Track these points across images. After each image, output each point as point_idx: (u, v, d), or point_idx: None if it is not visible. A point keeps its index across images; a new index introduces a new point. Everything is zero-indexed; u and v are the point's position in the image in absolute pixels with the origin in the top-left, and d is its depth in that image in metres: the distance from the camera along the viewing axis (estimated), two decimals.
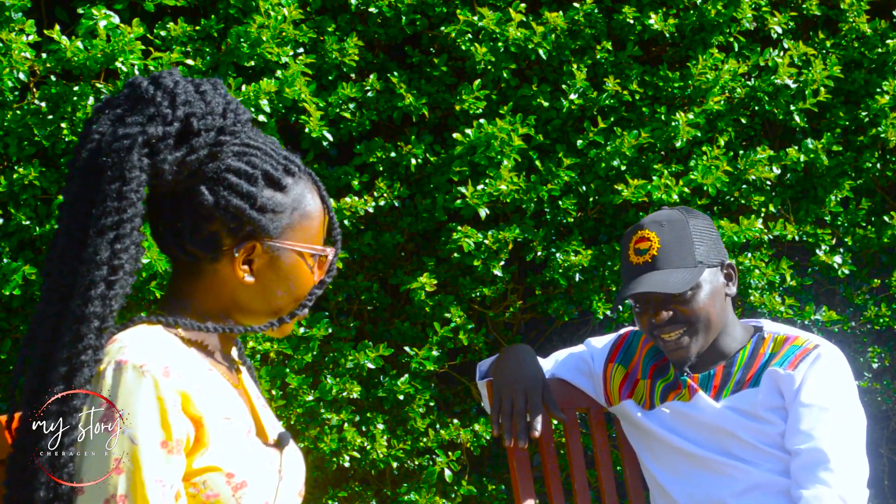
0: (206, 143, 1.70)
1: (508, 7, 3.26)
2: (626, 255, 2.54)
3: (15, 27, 2.83)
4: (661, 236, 2.51)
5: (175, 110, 1.68)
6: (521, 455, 2.68)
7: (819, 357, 2.50)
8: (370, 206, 3.15)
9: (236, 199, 1.70)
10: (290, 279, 1.77)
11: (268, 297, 1.76)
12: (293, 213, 1.76)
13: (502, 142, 3.13)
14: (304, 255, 1.77)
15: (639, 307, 2.54)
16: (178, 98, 1.69)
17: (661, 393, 2.61)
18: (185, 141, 1.68)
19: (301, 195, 1.77)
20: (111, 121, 1.69)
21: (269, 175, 1.74)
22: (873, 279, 3.70)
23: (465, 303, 3.30)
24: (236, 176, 1.71)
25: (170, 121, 1.67)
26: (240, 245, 1.72)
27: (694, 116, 3.30)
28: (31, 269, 2.87)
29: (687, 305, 2.49)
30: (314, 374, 3.19)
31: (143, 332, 1.68)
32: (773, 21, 3.47)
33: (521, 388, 2.60)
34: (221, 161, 1.71)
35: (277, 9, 3.01)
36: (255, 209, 1.71)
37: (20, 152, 2.90)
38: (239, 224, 1.71)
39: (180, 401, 1.61)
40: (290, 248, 1.75)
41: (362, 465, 3.23)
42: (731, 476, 2.52)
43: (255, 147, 1.75)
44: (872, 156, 3.58)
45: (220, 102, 1.73)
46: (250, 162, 1.73)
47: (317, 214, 1.79)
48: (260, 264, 1.74)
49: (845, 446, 2.45)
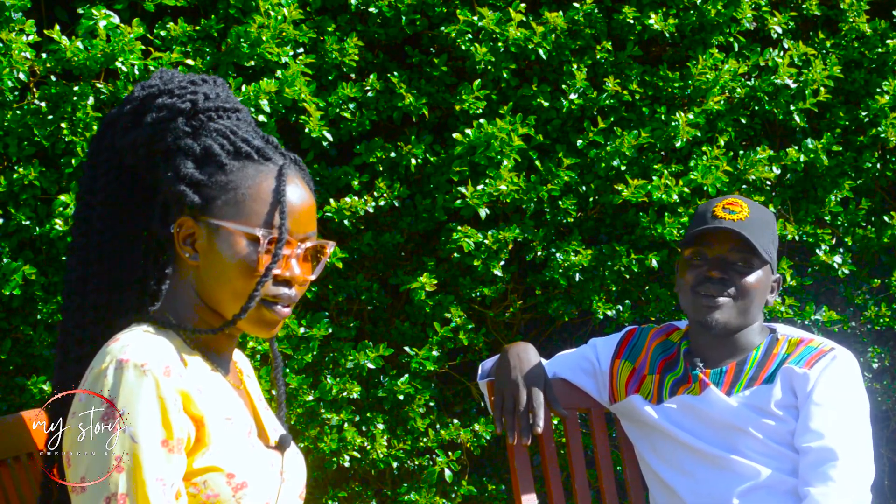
0: (156, 120, 1.73)
1: (508, 7, 3.26)
2: (711, 210, 2.55)
3: (15, 27, 2.83)
4: (752, 210, 2.55)
5: (136, 91, 1.78)
6: (521, 454, 2.68)
7: (835, 359, 2.52)
8: (370, 206, 3.15)
9: (174, 175, 1.72)
10: (223, 259, 1.70)
11: (219, 280, 1.72)
12: (237, 193, 1.72)
13: (502, 142, 3.13)
14: (240, 234, 1.70)
15: (698, 259, 2.54)
16: (146, 82, 1.78)
17: (670, 387, 2.61)
18: (140, 119, 1.75)
19: (252, 177, 1.73)
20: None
21: (209, 151, 1.73)
22: (873, 279, 3.70)
23: (465, 303, 3.30)
24: (184, 154, 1.73)
25: (131, 100, 1.77)
26: (176, 221, 1.73)
27: (694, 116, 3.30)
28: (31, 269, 2.87)
29: (744, 279, 2.52)
30: (314, 374, 3.19)
31: (145, 331, 1.69)
32: (773, 21, 3.47)
33: (524, 384, 2.60)
34: (173, 141, 1.74)
35: (277, 9, 3.01)
36: (188, 184, 1.71)
37: (20, 152, 2.90)
38: (181, 200, 1.71)
39: (181, 400, 1.61)
40: (224, 225, 1.70)
41: (362, 465, 3.23)
42: (737, 473, 2.51)
43: (215, 130, 1.75)
44: (872, 156, 3.57)
45: (194, 89, 1.76)
46: (197, 140, 1.74)
47: (260, 196, 1.72)
48: (201, 243, 1.72)
49: (855, 447, 2.46)
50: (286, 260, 1.74)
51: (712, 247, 2.54)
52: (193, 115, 1.74)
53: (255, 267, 1.70)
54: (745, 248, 2.53)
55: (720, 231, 2.52)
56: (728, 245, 2.53)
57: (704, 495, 2.54)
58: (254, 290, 1.70)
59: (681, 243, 2.63)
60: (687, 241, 2.57)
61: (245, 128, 1.78)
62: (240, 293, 1.70)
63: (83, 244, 1.75)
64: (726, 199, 2.58)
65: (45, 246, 2.97)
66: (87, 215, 1.76)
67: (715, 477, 2.54)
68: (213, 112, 1.76)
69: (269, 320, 1.73)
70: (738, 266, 2.53)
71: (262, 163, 1.74)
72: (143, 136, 1.74)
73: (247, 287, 1.70)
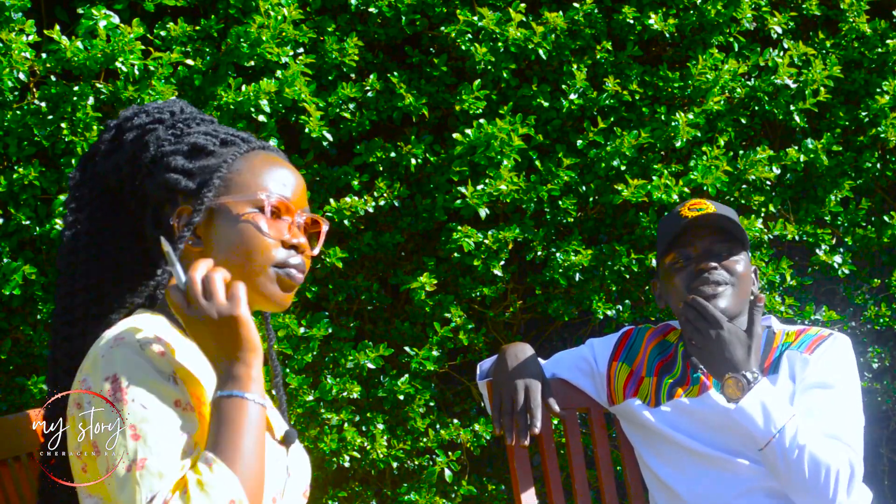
0: (136, 136, 1.79)
1: (508, 7, 3.26)
2: (678, 213, 2.59)
3: (15, 27, 2.83)
4: (716, 206, 2.60)
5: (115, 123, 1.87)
6: (521, 454, 2.68)
7: (835, 339, 2.56)
8: (370, 206, 3.15)
9: (164, 173, 1.76)
10: (232, 235, 1.73)
11: (228, 256, 1.73)
12: (229, 170, 1.76)
13: (502, 142, 3.13)
14: (237, 205, 1.73)
15: (683, 261, 2.57)
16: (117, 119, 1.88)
17: (667, 389, 2.61)
18: (120, 141, 1.82)
19: (241, 155, 1.78)
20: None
21: (196, 144, 1.77)
22: (873, 279, 3.70)
23: (465, 303, 3.30)
24: (170, 155, 1.77)
25: (107, 131, 1.86)
26: (173, 213, 1.76)
27: (694, 116, 3.30)
28: (31, 269, 2.87)
29: (734, 265, 2.55)
30: (314, 374, 3.19)
31: (146, 319, 1.71)
32: (773, 21, 3.47)
33: (522, 385, 2.60)
34: (156, 149, 1.78)
35: (277, 9, 3.01)
36: (179, 173, 1.75)
37: (20, 152, 2.90)
38: (173, 195, 1.76)
39: (179, 372, 1.64)
40: (224, 201, 1.74)
41: (362, 465, 3.23)
42: (737, 474, 2.51)
43: (196, 131, 1.80)
44: (872, 156, 3.57)
45: (168, 108, 1.83)
46: (181, 139, 1.78)
47: (250, 169, 1.77)
48: (202, 228, 1.75)
49: (849, 424, 2.46)
50: (290, 227, 1.77)
51: (694, 245, 2.57)
52: (173, 125, 1.80)
53: (264, 233, 1.73)
54: (727, 236, 2.57)
55: (699, 226, 2.55)
56: (709, 239, 2.57)
57: (704, 496, 2.54)
58: (274, 256, 1.73)
59: (659, 254, 2.63)
60: (665, 249, 2.58)
61: (224, 128, 1.83)
62: (254, 264, 1.72)
63: (71, 261, 1.80)
64: (688, 202, 2.63)
65: (45, 246, 2.97)
66: (74, 238, 1.81)
67: (715, 478, 2.54)
68: (192, 120, 1.83)
69: (287, 285, 1.76)
70: (724, 255, 2.56)
71: (247, 146, 1.80)
72: (125, 155, 1.79)
73: (258, 256, 1.72)
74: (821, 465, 2.36)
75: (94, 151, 1.84)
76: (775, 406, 2.39)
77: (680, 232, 2.56)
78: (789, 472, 2.38)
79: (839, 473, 2.36)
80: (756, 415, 2.39)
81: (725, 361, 2.44)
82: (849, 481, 2.38)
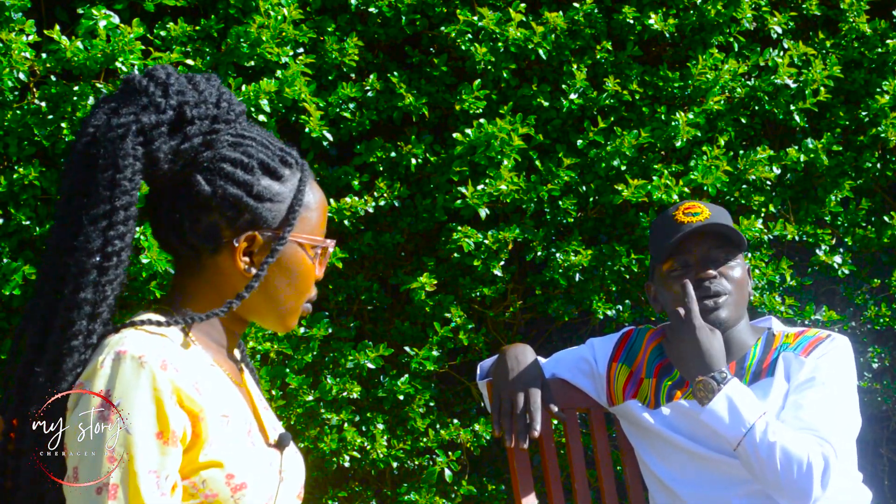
0: (201, 132, 1.70)
1: (508, 7, 3.26)
2: (673, 218, 2.57)
3: (15, 27, 2.83)
4: (710, 208, 2.59)
5: (168, 99, 1.69)
6: (521, 455, 2.68)
7: (833, 340, 2.55)
8: (370, 206, 3.15)
9: (233, 188, 1.71)
10: (292, 271, 1.76)
11: (270, 290, 1.75)
12: (300, 211, 1.76)
13: (502, 142, 3.13)
14: (304, 246, 1.77)
15: (681, 268, 2.55)
16: (170, 88, 1.70)
17: (667, 392, 2.61)
18: (180, 129, 1.69)
19: (300, 187, 1.76)
20: (106, 114, 1.69)
21: (266, 164, 1.74)
22: (873, 279, 3.70)
23: (465, 303, 3.30)
24: (232, 165, 1.72)
25: (163, 109, 1.68)
26: (239, 235, 1.72)
27: (694, 116, 3.30)
28: (31, 269, 2.87)
29: (732, 271, 2.55)
30: (314, 374, 3.19)
31: (146, 324, 1.69)
32: (773, 21, 3.47)
33: (521, 387, 2.60)
34: (217, 150, 1.72)
35: (277, 9, 3.01)
36: (252, 197, 1.71)
37: (20, 152, 2.90)
38: (236, 213, 1.71)
39: (177, 394, 1.61)
40: (292, 238, 1.75)
41: (362, 465, 3.23)
42: (737, 476, 2.51)
43: (251, 137, 1.76)
44: (872, 156, 3.57)
45: (214, 93, 1.74)
46: (246, 151, 1.73)
47: (316, 206, 1.79)
48: (261, 256, 1.74)
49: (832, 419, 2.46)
50: (322, 264, 1.82)
51: (692, 251, 2.56)
52: (227, 122, 1.73)
53: (313, 273, 1.79)
54: (724, 241, 2.56)
55: (697, 233, 2.53)
56: (707, 244, 2.56)
57: (704, 497, 2.54)
58: (311, 292, 1.80)
59: (654, 259, 2.62)
60: (662, 256, 2.57)
61: (268, 135, 1.80)
62: (290, 297, 1.77)
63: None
64: (682, 205, 2.61)
65: (45, 246, 2.96)
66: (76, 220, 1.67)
67: (715, 479, 2.54)
68: (239, 115, 1.76)
69: (302, 315, 1.82)
70: (722, 261, 2.56)
71: (296, 168, 1.78)
72: (191, 150, 1.69)
73: (305, 294, 1.79)
74: (793, 459, 2.36)
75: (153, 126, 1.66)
76: (744, 404, 2.40)
77: (683, 237, 2.55)
78: (763, 469, 2.38)
79: (812, 467, 2.36)
80: (724, 415, 2.39)
81: (696, 364, 2.45)
82: (822, 474, 2.37)
